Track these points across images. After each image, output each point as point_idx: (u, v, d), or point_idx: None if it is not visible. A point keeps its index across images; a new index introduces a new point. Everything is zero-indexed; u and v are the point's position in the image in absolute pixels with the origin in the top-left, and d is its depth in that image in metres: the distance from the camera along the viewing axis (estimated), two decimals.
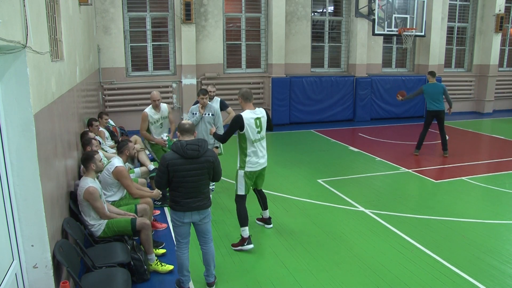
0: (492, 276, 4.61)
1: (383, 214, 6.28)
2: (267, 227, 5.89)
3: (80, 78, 6.61)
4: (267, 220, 5.93)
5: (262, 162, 5.36)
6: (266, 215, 5.93)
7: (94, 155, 4.62)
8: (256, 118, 5.18)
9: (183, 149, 3.97)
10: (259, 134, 5.25)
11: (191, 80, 12.40)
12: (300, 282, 4.51)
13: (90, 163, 4.55)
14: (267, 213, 5.93)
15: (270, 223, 5.92)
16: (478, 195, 7.34)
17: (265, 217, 5.94)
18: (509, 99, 17.03)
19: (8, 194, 3.07)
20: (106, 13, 11.53)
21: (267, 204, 5.88)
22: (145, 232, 4.63)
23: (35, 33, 3.34)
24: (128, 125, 11.60)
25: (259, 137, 5.27)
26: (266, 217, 5.93)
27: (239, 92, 5.30)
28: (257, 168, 5.31)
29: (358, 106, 13.92)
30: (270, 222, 5.92)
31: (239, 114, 5.14)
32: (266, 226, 5.91)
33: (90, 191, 4.40)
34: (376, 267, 4.79)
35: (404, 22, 13.28)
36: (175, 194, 4.08)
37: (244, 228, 5.23)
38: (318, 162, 9.09)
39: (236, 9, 13.10)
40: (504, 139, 11.62)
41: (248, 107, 5.24)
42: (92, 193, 4.41)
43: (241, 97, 5.26)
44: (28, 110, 3.06)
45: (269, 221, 5.92)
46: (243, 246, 5.23)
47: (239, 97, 5.28)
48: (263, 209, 5.91)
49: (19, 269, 3.21)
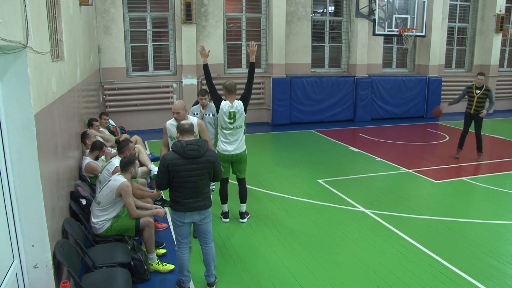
0: (493, 277, 4.61)
1: (383, 214, 6.28)
2: (240, 221, 6.03)
3: (80, 78, 6.62)
4: (242, 214, 6.08)
5: (229, 149, 5.73)
6: (243, 209, 6.09)
7: (135, 160, 4.84)
8: (231, 111, 5.62)
9: (183, 149, 3.97)
10: (231, 125, 5.67)
11: (192, 80, 12.40)
12: (300, 282, 4.51)
13: (130, 167, 4.73)
14: (244, 208, 6.10)
15: (244, 217, 6.07)
16: (479, 195, 7.34)
17: (241, 211, 6.09)
18: (510, 99, 17.01)
19: (8, 194, 3.07)
20: (106, 13, 11.54)
21: (245, 198, 6.08)
22: (149, 230, 4.65)
23: (35, 33, 3.34)
24: (128, 125, 11.62)
25: (231, 127, 5.67)
26: (243, 211, 6.09)
27: (224, 84, 5.77)
28: (225, 153, 5.72)
29: (359, 106, 13.92)
30: (244, 217, 6.08)
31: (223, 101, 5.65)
32: (240, 220, 6.05)
33: (126, 185, 4.53)
34: (376, 267, 4.79)
35: (404, 22, 13.27)
36: (175, 194, 4.08)
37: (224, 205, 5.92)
38: (318, 162, 9.09)
39: (236, 9, 13.10)
40: (504, 139, 11.62)
41: (230, 99, 5.67)
42: (128, 187, 4.55)
43: (225, 89, 5.70)
44: (29, 110, 3.07)
45: (243, 215, 6.08)
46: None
47: (223, 88, 5.73)
48: (240, 202, 6.09)
49: (19, 269, 3.22)
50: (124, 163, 4.77)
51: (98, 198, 4.63)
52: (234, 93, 5.70)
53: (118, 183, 4.55)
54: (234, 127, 5.70)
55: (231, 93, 5.69)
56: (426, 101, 14.72)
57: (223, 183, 5.98)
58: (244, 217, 6.07)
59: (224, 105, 5.62)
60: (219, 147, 5.78)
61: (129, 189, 4.58)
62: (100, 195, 4.63)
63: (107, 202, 4.57)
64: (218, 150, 5.76)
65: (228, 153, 5.74)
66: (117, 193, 4.55)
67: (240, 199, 6.06)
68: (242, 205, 6.08)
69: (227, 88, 5.68)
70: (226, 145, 5.74)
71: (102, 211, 4.57)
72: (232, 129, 5.70)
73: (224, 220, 6.03)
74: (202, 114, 6.56)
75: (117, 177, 4.65)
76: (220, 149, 5.76)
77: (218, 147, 5.80)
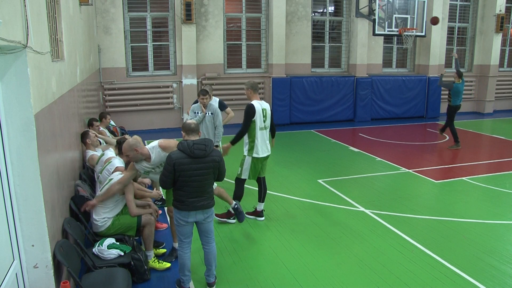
0: (493, 276, 4.61)
1: (383, 214, 6.28)
2: (259, 219, 6.04)
3: (80, 78, 6.62)
4: (259, 213, 6.07)
5: (266, 149, 5.84)
6: (261, 207, 6.09)
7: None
8: (262, 108, 5.73)
9: (190, 148, 3.97)
10: (265, 123, 5.77)
11: (192, 80, 12.40)
12: (300, 282, 4.51)
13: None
14: (262, 206, 6.09)
15: (262, 215, 6.08)
16: (479, 195, 7.34)
17: (258, 209, 6.08)
18: (510, 99, 17.02)
19: (8, 194, 3.07)
20: (106, 13, 11.54)
21: (265, 197, 6.09)
22: (149, 228, 4.68)
23: (35, 33, 3.34)
24: (128, 125, 11.62)
25: (264, 126, 5.78)
26: (260, 209, 6.08)
27: (248, 83, 5.83)
28: (263, 155, 5.79)
29: (359, 106, 13.92)
30: (262, 215, 6.08)
31: (250, 103, 5.69)
32: (258, 219, 6.04)
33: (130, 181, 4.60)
34: (376, 267, 4.79)
35: (404, 22, 13.27)
36: (180, 193, 4.08)
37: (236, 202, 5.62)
38: (318, 162, 9.09)
39: (236, 9, 13.10)
40: (505, 139, 11.61)
41: (255, 98, 5.80)
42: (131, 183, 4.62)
43: (250, 88, 5.79)
44: (29, 110, 3.07)
45: (262, 214, 6.08)
46: (228, 219, 5.90)
47: (248, 88, 5.79)
48: (260, 201, 6.07)
49: (19, 269, 3.22)
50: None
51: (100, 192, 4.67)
52: (257, 92, 5.90)
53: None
54: (266, 126, 5.82)
55: (256, 92, 5.84)
56: (426, 101, 14.72)
57: (241, 184, 5.94)
58: (263, 215, 6.10)
59: (256, 105, 5.66)
60: (259, 152, 5.73)
61: (131, 186, 4.64)
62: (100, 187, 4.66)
63: (110, 199, 4.60)
64: (255, 157, 5.73)
65: (266, 153, 5.85)
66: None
67: (262, 198, 6.08)
68: (261, 204, 6.10)
69: (253, 87, 5.79)
70: (264, 147, 5.80)
71: (104, 208, 4.58)
72: (266, 128, 5.82)
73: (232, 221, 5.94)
74: (204, 113, 6.62)
75: (119, 176, 4.70)
76: (260, 152, 5.75)
77: (256, 152, 5.72)
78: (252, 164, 5.78)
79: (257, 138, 5.71)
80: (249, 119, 5.67)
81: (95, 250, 4.25)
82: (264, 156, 5.83)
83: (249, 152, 5.77)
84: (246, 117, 5.68)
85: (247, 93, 5.88)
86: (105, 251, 4.21)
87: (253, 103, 5.69)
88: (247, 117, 5.67)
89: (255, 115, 5.65)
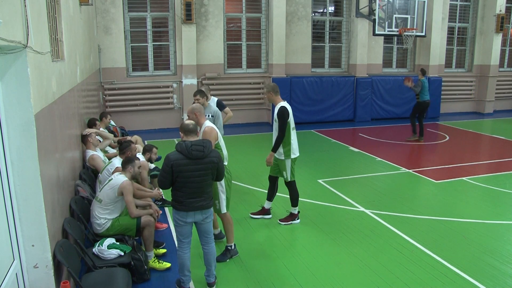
0: (493, 276, 4.61)
1: (383, 214, 6.28)
2: (266, 217, 6.08)
3: (80, 78, 6.62)
4: (267, 211, 6.11)
5: (298, 147, 5.88)
6: (269, 205, 6.13)
7: (135, 160, 4.88)
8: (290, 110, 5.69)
9: (188, 149, 3.97)
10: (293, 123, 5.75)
11: (192, 80, 12.40)
12: (300, 282, 4.51)
13: (129, 165, 4.79)
14: (270, 205, 6.14)
15: (269, 213, 6.12)
16: (479, 195, 7.34)
17: (266, 207, 6.12)
18: (510, 100, 17.01)
19: (8, 194, 3.07)
20: (106, 13, 11.54)
21: (274, 197, 6.14)
22: (149, 229, 4.68)
23: (35, 33, 3.34)
24: (128, 125, 11.62)
25: (294, 126, 5.77)
26: (268, 207, 6.12)
27: (268, 86, 5.73)
28: (298, 154, 5.82)
29: (359, 106, 13.92)
30: (269, 213, 6.13)
31: (282, 106, 5.58)
32: (265, 217, 6.08)
33: (128, 183, 4.59)
34: (376, 267, 4.79)
35: (404, 22, 13.27)
36: (178, 194, 4.08)
37: (295, 208, 5.92)
38: (318, 162, 9.09)
39: (236, 9, 13.10)
40: (505, 139, 11.61)
41: (279, 100, 5.69)
42: (130, 185, 4.61)
43: (271, 90, 5.67)
44: (29, 110, 3.07)
45: (269, 211, 6.13)
46: (293, 220, 5.93)
47: (270, 91, 5.68)
48: (268, 199, 6.11)
49: (19, 269, 3.22)
50: (124, 162, 4.87)
51: (100, 196, 4.64)
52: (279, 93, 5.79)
53: (119, 181, 4.59)
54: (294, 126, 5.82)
55: (278, 94, 5.73)
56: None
57: (294, 186, 5.92)
58: (270, 213, 6.13)
59: (288, 106, 5.62)
60: (295, 151, 5.75)
61: (130, 187, 4.63)
62: (101, 193, 4.64)
63: (109, 200, 4.60)
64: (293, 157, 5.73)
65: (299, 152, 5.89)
66: (118, 192, 4.58)
67: (272, 196, 6.13)
68: (270, 202, 6.15)
69: (274, 90, 5.69)
70: (297, 145, 5.82)
71: (104, 209, 4.58)
72: (295, 127, 5.81)
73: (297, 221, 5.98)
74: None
75: (118, 176, 4.69)
76: (295, 152, 5.76)
77: (293, 153, 5.71)
78: (292, 164, 5.77)
79: (292, 139, 5.68)
80: (285, 121, 5.55)
81: (95, 250, 4.25)
82: (298, 155, 5.86)
83: (286, 155, 5.69)
84: (282, 120, 5.54)
85: (268, 96, 5.73)
86: (105, 251, 4.21)
87: (284, 105, 5.60)
88: (284, 120, 5.53)
89: (289, 117, 5.57)
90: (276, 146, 5.66)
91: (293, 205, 5.94)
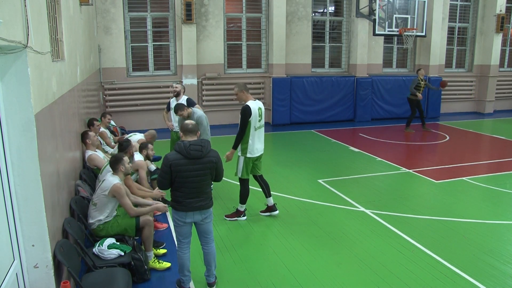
0: (493, 276, 4.61)
1: (383, 214, 6.28)
2: (274, 214, 6.12)
3: (80, 78, 6.62)
4: (272, 207, 6.13)
5: (260, 148, 5.91)
6: (271, 202, 6.14)
7: (123, 158, 4.79)
8: (258, 107, 5.74)
9: (186, 149, 3.96)
10: (259, 122, 5.79)
11: (192, 80, 12.40)
12: (300, 282, 4.51)
13: (119, 165, 4.70)
14: (271, 200, 6.14)
15: (276, 209, 6.14)
16: (479, 195, 7.34)
17: (270, 205, 6.13)
18: (510, 100, 17.01)
19: (8, 194, 3.07)
20: (107, 13, 11.54)
21: (270, 191, 6.13)
22: (148, 229, 4.67)
23: (36, 33, 3.34)
24: (128, 125, 11.61)
25: (259, 125, 5.80)
26: (271, 204, 6.13)
27: (237, 86, 5.81)
28: (255, 154, 5.84)
29: (359, 106, 13.92)
30: (276, 209, 6.15)
31: (246, 105, 5.66)
32: (273, 214, 6.12)
33: (118, 186, 4.51)
34: (376, 267, 4.79)
35: (404, 22, 13.27)
36: (177, 194, 4.08)
37: (243, 205, 5.99)
38: (318, 162, 9.09)
39: (236, 9, 13.10)
40: (505, 139, 11.61)
41: (250, 98, 5.78)
42: (121, 188, 4.53)
43: (243, 89, 5.77)
44: (29, 110, 3.07)
45: (275, 207, 6.14)
46: (239, 217, 6.01)
47: (241, 90, 5.76)
48: (267, 197, 6.11)
49: (19, 269, 3.22)
50: (112, 162, 4.74)
51: (94, 200, 4.63)
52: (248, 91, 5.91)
53: (110, 184, 4.53)
54: (261, 125, 5.86)
55: (248, 92, 5.85)
56: (426, 101, 14.71)
57: (244, 183, 5.96)
58: (276, 209, 6.16)
59: (252, 105, 5.67)
60: (253, 151, 5.80)
61: (122, 190, 4.55)
62: (95, 197, 4.63)
63: (102, 203, 4.57)
64: (248, 156, 5.78)
65: (260, 152, 5.92)
66: (110, 194, 4.55)
67: (267, 193, 6.12)
68: (269, 198, 6.14)
69: (246, 88, 5.82)
70: (259, 146, 5.87)
71: (99, 213, 4.57)
72: (261, 126, 5.87)
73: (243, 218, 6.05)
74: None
75: (110, 178, 4.62)
76: (256, 151, 5.82)
77: (249, 152, 5.77)
78: (244, 163, 5.84)
79: (252, 138, 5.74)
80: (246, 120, 5.65)
81: (95, 250, 4.25)
82: (258, 156, 5.89)
83: (243, 152, 5.81)
84: (243, 118, 5.65)
85: (240, 95, 5.79)
86: (105, 251, 4.21)
87: (248, 103, 5.67)
88: (244, 119, 5.64)
89: (251, 116, 5.63)
90: (235, 143, 5.82)
91: (241, 202, 6.01)
